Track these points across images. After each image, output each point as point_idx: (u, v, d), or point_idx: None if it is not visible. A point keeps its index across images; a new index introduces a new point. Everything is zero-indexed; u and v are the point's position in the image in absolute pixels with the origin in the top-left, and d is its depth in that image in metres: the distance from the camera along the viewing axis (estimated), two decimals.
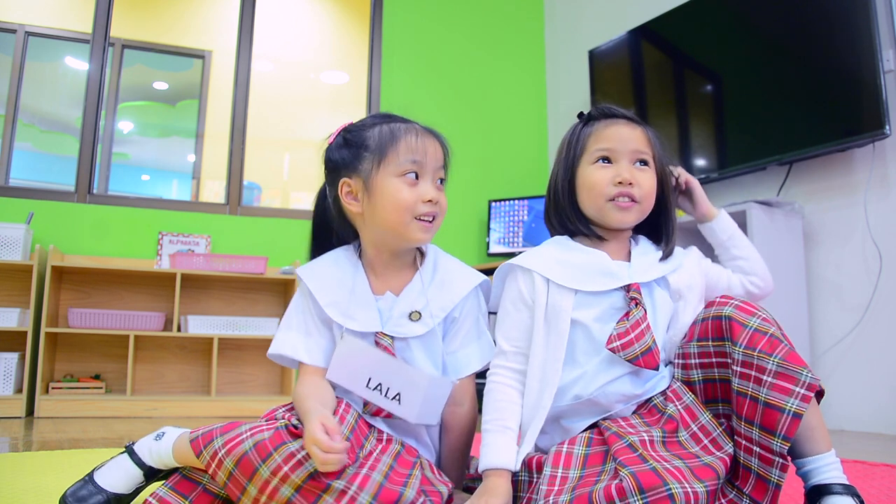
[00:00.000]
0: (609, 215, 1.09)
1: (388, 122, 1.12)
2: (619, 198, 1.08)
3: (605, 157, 1.10)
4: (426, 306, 1.09)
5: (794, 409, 0.89)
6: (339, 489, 0.89)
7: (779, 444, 0.88)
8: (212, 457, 0.93)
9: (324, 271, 1.13)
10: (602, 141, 1.11)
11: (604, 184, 1.08)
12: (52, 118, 4.60)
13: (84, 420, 2.75)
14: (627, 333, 1.00)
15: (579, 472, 0.95)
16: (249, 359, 3.37)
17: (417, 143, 1.08)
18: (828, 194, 2.68)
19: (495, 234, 3.81)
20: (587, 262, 1.09)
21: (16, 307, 2.96)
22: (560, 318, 1.05)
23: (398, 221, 1.06)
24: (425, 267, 1.14)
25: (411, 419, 1.02)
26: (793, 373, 0.90)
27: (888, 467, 1.61)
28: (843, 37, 2.52)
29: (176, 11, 4.60)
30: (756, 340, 0.93)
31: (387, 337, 1.07)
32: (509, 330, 1.10)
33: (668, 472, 0.84)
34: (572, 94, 4.06)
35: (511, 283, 1.13)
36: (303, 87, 4.68)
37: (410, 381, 1.03)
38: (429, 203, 1.07)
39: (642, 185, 1.09)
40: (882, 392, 2.44)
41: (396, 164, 1.07)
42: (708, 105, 3.11)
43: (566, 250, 1.12)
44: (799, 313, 2.61)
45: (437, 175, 1.10)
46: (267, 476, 0.89)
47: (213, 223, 3.47)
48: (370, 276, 1.12)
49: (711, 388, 1.01)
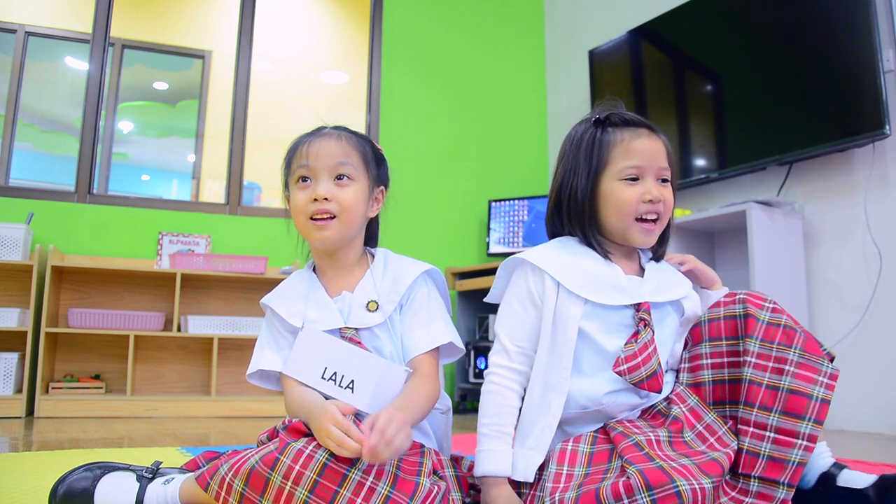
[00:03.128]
0: (635, 236, 1.08)
1: (301, 137, 1.17)
2: (647, 215, 1.07)
3: (635, 176, 1.07)
4: (381, 297, 1.13)
5: (821, 395, 0.93)
6: (357, 480, 0.88)
7: (809, 427, 0.92)
8: (220, 485, 0.91)
9: (281, 291, 1.19)
10: (631, 156, 1.07)
11: (633, 202, 1.06)
12: (52, 118, 4.60)
13: (84, 420, 2.75)
14: (635, 357, 0.99)
15: (585, 470, 0.95)
16: (249, 359, 3.35)
17: (305, 149, 1.12)
18: (828, 194, 2.68)
19: (495, 234, 3.80)
20: (600, 273, 1.06)
21: (16, 307, 2.96)
22: (568, 325, 1.02)
23: (299, 224, 1.13)
24: (375, 265, 1.18)
25: (363, 408, 1.02)
26: (814, 363, 0.95)
27: (888, 467, 1.61)
28: (843, 37, 2.52)
29: (176, 11, 4.59)
30: (772, 333, 0.97)
31: (350, 329, 1.10)
32: (514, 329, 1.07)
33: (675, 471, 0.85)
34: (572, 94, 4.06)
35: (519, 280, 1.09)
36: (303, 87, 4.68)
37: (364, 367, 1.04)
38: (315, 202, 1.10)
39: (667, 202, 1.08)
40: (882, 392, 2.44)
41: (293, 173, 1.14)
42: (708, 105, 3.11)
43: (577, 254, 1.09)
44: (799, 313, 2.61)
45: (333, 172, 1.11)
46: (280, 482, 0.87)
47: (213, 223, 3.47)
48: (324, 283, 1.16)
49: (720, 390, 1.03)
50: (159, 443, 2.07)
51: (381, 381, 1.04)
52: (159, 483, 1.05)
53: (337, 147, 1.12)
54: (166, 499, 1.02)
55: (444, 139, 3.99)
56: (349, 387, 1.04)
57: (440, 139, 3.98)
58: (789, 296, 2.58)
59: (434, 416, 1.13)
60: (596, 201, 1.09)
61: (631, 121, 1.10)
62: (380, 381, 1.04)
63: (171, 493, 1.02)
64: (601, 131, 1.10)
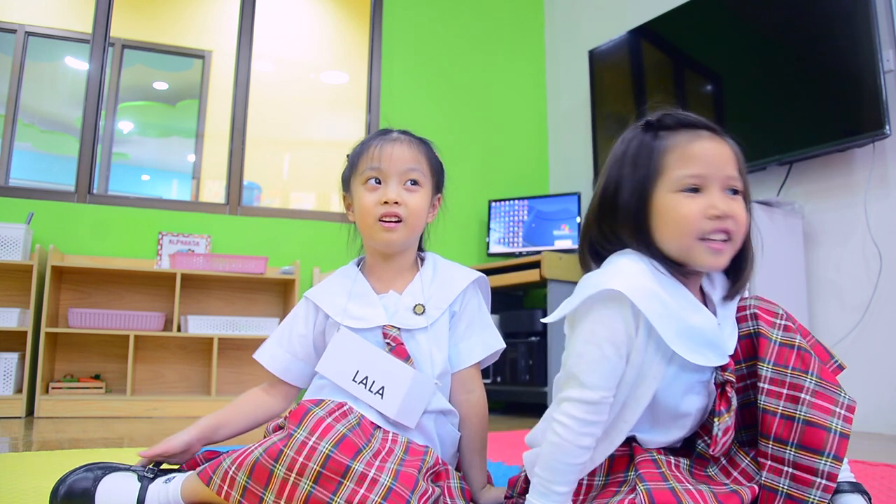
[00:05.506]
0: (700, 257, 0.89)
1: (368, 138, 1.20)
2: (714, 234, 0.88)
3: (697, 186, 0.89)
4: (428, 301, 1.14)
5: (839, 429, 0.83)
6: (360, 471, 0.88)
7: (829, 464, 0.82)
8: (222, 479, 0.92)
9: (326, 287, 1.20)
10: (690, 164, 0.89)
11: (695, 219, 0.88)
12: (52, 118, 4.60)
13: (84, 420, 2.75)
14: (728, 430, 0.89)
15: (603, 480, 0.93)
16: (249, 359, 3.33)
17: (376, 151, 1.15)
18: (828, 194, 2.68)
19: (495, 234, 3.80)
20: (699, 324, 0.88)
21: (16, 307, 2.96)
22: (647, 382, 0.87)
23: (365, 225, 1.15)
24: (425, 269, 1.20)
25: (391, 414, 1.05)
26: (831, 393, 0.86)
27: (888, 467, 1.61)
28: (843, 37, 2.52)
29: (176, 11, 4.59)
30: (785, 356, 0.88)
31: (394, 328, 1.12)
32: (605, 377, 0.86)
33: (688, 494, 0.82)
34: (572, 94, 4.06)
35: (615, 319, 0.87)
36: (303, 87, 4.68)
37: (396, 375, 1.07)
38: (385, 205, 1.12)
39: (738, 218, 0.89)
40: (882, 392, 2.44)
41: (361, 174, 1.15)
42: (708, 105, 3.11)
43: (671, 292, 0.89)
44: (799, 313, 2.61)
45: (403, 177, 1.15)
46: (283, 474, 0.88)
47: (213, 223, 3.47)
48: (372, 281, 1.18)
49: (749, 414, 0.93)
50: None
51: (412, 390, 1.07)
52: (160, 482, 1.05)
53: (409, 152, 1.16)
54: (168, 497, 1.02)
55: (444, 139, 3.94)
56: (379, 392, 1.07)
57: (440, 139, 3.94)
58: (789, 296, 2.58)
59: (439, 420, 1.13)
60: (648, 218, 0.91)
61: (689, 122, 0.93)
62: (410, 391, 1.06)
63: (172, 491, 1.02)
64: (652, 136, 0.93)
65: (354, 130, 4.07)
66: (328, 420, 0.93)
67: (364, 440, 0.97)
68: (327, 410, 0.96)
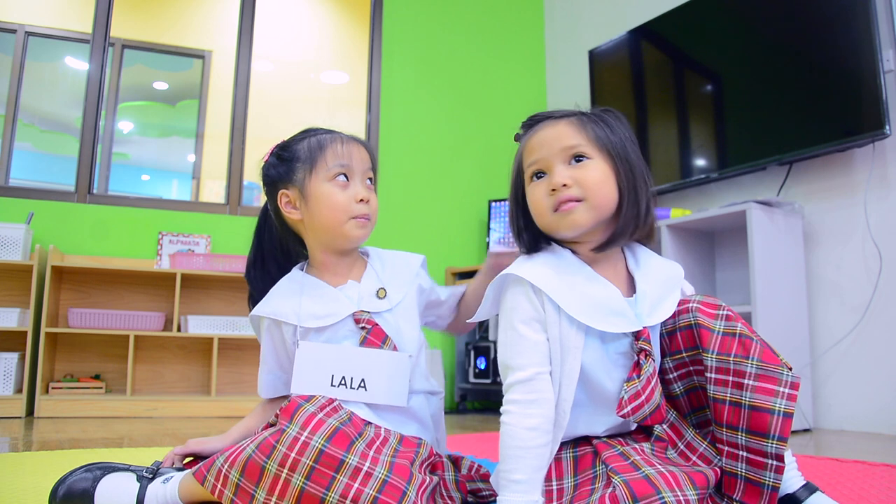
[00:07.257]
0: (559, 226, 0.96)
1: (314, 135, 1.20)
2: (561, 205, 0.95)
3: (539, 171, 0.98)
4: (388, 285, 1.18)
5: (783, 409, 0.87)
6: (354, 465, 0.87)
7: (774, 446, 0.87)
8: (216, 477, 0.92)
9: (269, 299, 1.18)
10: (530, 153, 0.99)
11: (542, 198, 0.97)
12: (52, 118, 4.60)
13: (84, 420, 2.75)
14: (639, 395, 0.92)
15: (573, 481, 0.94)
16: (249, 359, 3.36)
17: (343, 149, 1.16)
18: (828, 194, 2.68)
19: (495, 234, 3.80)
20: (599, 295, 0.95)
21: (16, 307, 2.96)
22: (571, 354, 0.93)
23: (336, 221, 1.14)
24: (372, 260, 1.23)
25: (380, 400, 1.06)
26: (774, 374, 0.89)
27: (888, 467, 1.61)
28: (843, 37, 2.52)
29: (176, 11, 4.59)
30: (727, 345, 0.92)
31: (365, 312, 1.13)
32: (529, 354, 0.93)
33: (663, 478, 0.83)
34: (572, 94, 4.06)
35: (519, 300, 0.95)
36: (303, 87, 4.68)
37: (371, 362, 1.08)
38: (362, 203, 1.14)
39: (582, 180, 0.94)
40: (882, 392, 2.44)
41: (326, 170, 1.15)
42: (708, 105, 3.11)
43: (572, 271, 0.97)
44: (799, 313, 2.61)
45: (365, 175, 1.18)
46: (275, 470, 0.87)
47: (213, 223, 3.47)
48: (325, 278, 1.19)
49: (695, 397, 1.00)
50: (159, 443, 2.07)
51: (392, 371, 1.08)
52: (159, 482, 1.05)
53: (366, 153, 1.19)
54: (166, 498, 1.02)
55: (444, 139, 3.99)
56: (361, 386, 1.07)
57: (440, 139, 3.98)
58: (789, 296, 2.58)
59: (431, 400, 1.17)
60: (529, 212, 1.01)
61: (536, 119, 1.04)
62: (390, 372, 1.08)
63: (170, 491, 1.02)
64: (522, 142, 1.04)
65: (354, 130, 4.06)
66: (319, 415, 0.93)
67: (356, 433, 0.97)
68: (318, 406, 0.96)
